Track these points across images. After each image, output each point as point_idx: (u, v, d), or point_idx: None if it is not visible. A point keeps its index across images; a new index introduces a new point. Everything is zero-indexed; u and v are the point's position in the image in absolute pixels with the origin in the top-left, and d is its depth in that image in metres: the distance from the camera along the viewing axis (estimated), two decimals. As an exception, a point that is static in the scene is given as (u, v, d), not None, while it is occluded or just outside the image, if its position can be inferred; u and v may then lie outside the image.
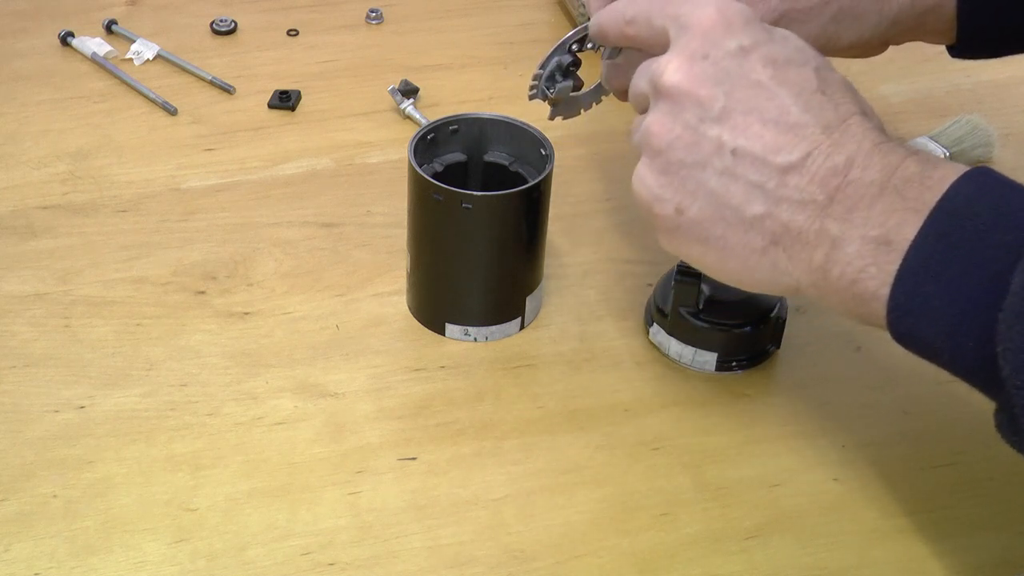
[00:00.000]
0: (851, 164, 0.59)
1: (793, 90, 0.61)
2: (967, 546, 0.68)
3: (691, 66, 0.62)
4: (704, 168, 0.62)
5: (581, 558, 0.66)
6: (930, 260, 0.56)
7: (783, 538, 0.68)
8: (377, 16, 1.08)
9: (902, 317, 0.57)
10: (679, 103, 0.62)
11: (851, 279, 0.59)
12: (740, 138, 0.61)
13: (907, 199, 0.58)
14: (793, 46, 0.63)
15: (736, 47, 0.62)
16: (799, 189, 0.60)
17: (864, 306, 0.59)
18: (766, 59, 0.62)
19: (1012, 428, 0.55)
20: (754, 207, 0.61)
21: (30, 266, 0.82)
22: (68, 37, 1.03)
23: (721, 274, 0.64)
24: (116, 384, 0.75)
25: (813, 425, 0.74)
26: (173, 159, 0.92)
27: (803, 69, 0.62)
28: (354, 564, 0.66)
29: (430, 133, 0.78)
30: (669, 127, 0.63)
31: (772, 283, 0.63)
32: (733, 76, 0.62)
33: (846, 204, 0.59)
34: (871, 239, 0.58)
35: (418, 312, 0.80)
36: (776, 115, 0.61)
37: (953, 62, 0.82)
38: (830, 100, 0.61)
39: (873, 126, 0.61)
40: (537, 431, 0.73)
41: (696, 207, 0.62)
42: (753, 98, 0.61)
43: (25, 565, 0.65)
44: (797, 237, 0.60)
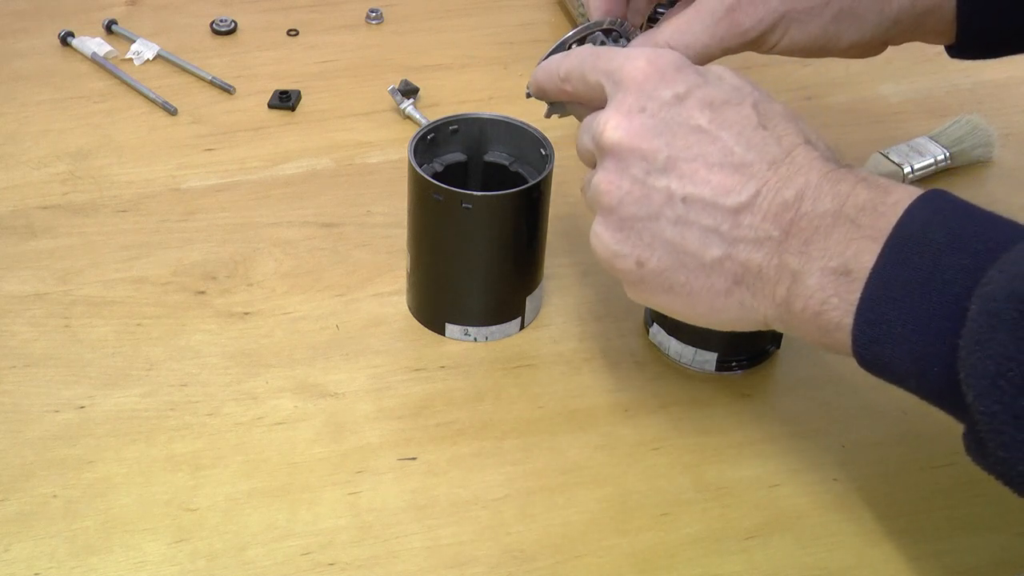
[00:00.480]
0: (802, 197, 0.60)
1: (734, 130, 0.62)
2: (967, 546, 0.68)
3: (630, 121, 0.63)
4: (657, 219, 0.63)
5: (581, 558, 0.66)
6: (890, 287, 0.57)
7: (783, 538, 0.68)
8: (377, 16, 1.08)
9: (867, 345, 0.58)
10: (624, 159, 0.63)
11: (814, 311, 0.59)
12: (688, 185, 0.62)
13: (862, 227, 0.58)
14: (729, 85, 0.64)
15: (671, 96, 0.63)
16: (753, 228, 0.61)
17: (829, 336, 0.59)
18: (703, 103, 0.62)
19: (979, 451, 0.55)
20: (712, 251, 0.62)
21: (30, 266, 0.82)
22: (68, 37, 1.03)
23: (692, 318, 0.65)
24: (116, 384, 0.75)
25: (813, 425, 0.74)
26: (173, 159, 0.92)
27: (741, 107, 0.63)
28: (354, 564, 0.66)
29: (430, 133, 0.78)
30: (617, 184, 0.63)
31: (741, 320, 0.63)
32: (672, 125, 0.62)
33: (802, 237, 0.59)
34: (830, 270, 0.58)
35: (418, 312, 0.80)
36: (720, 158, 0.61)
37: (953, 62, 0.82)
38: (772, 134, 0.62)
39: (819, 155, 0.62)
40: (537, 431, 0.73)
41: (656, 258, 0.63)
42: (695, 144, 0.62)
43: (25, 565, 0.65)
44: (758, 275, 0.61)
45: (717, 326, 0.65)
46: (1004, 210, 0.92)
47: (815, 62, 1.04)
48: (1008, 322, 0.52)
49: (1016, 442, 0.53)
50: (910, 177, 0.91)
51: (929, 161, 0.92)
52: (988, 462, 0.55)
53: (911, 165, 0.91)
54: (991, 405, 0.53)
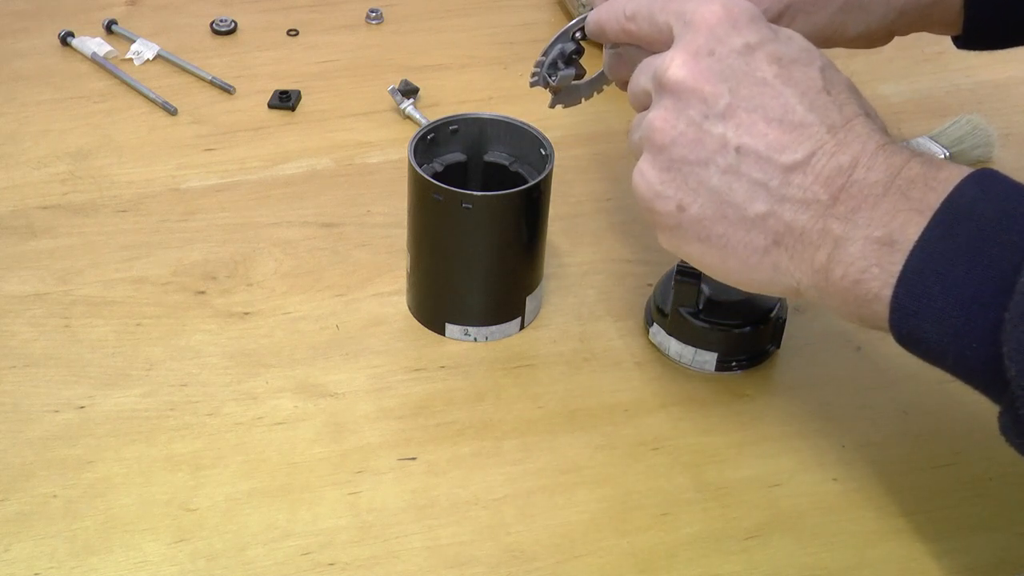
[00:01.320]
0: (855, 164, 0.59)
1: (798, 89, 0.61)
2: (966, 546, 0.68)
3: (696, 62, 0.62)
4: (707, 165, 0.61)
5: (581, 558, 0.66)
6: (934, 260, 0.56)
7: (783, 538, 0.68)
8: (377, 16, 1.08)
9: (905, 318, 0.57)
10: (683, 99, 0.62)
11: (854, 279, 0.58)
12: (744, 136, 0.61)
13: (911, 200, 0.57)
14: (798, 46, 0.63)
15: (742, 44, 0.62)
16: (803, 188, 0.60)
17: (866, 307, 0.59)
18: (771, 57, 0.62)
19: (1017, 430, 0.55)
20: (757, 206, 0.61)
21: (30, 266, 0.82)
22: (68, 37, 1.03)
23: (721, 274, 0.64)
24: (116, 384, 0.75)
25: (813, 425, 0.74)
26: (173, 159, 0.92)
27: (808, 68, 0.62)
28: (354, 564, 0.66)
29: (430, 133, 0.78)
30: (673, 123, 0.62)
31: (773, 284, 0.62)
32: (738, 73, 0.61)
33: (850, 204, 0.59)
34: (874, 239, 0.58)
35: (418, 312, 0.80)
36: (781, 113, 0.60)
37: (953, 62, 0.82)
38: (835, 100, 0.61)
39: (877, 127, 0.61)
40: (537, 431, 0.73)
41: (698, 205, 0.62)
42: (758, 96, 0.61)
43: (25, 565, 0.65)
44: (800, 237, 0.60)
45: (745, 285, 0.64)
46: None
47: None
48: None
49: None
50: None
51: (929, 161, 0.92)
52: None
53: (911, 165, 0.91)
54: None
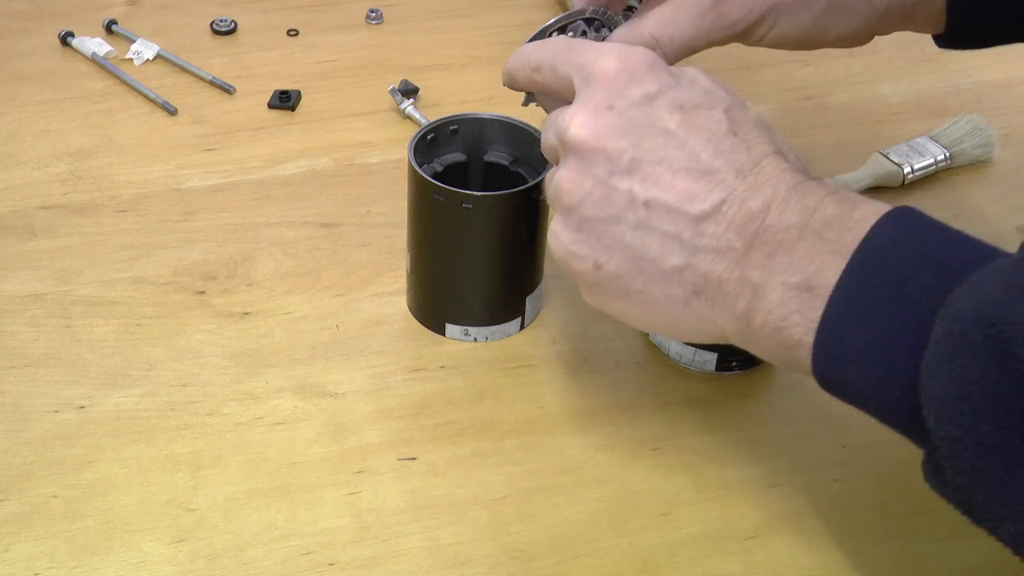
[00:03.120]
0: (768, 208, 0.58)
1: (703, 135, 0.60)
2: (966, 546, 0.68)
3: (596, 119, 0.61)
4: (618, 222, 0.61)
5: (581, 558, 0.66)
6: (853, 305, 0.55)
7: (783, 538, 0.68)
8: (377, 16, 1.08)
9: (828, 365, 0.56)
10: (587, 158, 0.61)
11: (775, 327, 0.57)
12: (652, 189, 0.60)
13: (828, 242, 0.56)
14: (701, 88, 0.62)
15: (641, 95, 0.61)
16: (716, 237, 0.59)
17: (789, 354, 0.58)
18: (673, 105, 0.61)
19: (939, 478, 0.54)
20: (672, 259, 0.60)
21: (30, 266, 0.82)
22: (68, 37, 1.03)
23: (647, 327, 0.63)
24: (116, 384, 0.75)
25: (813, 425, 0.74)
26: (173, 159, 0.92)
27: (712, 112, 0.61)
28: (354, 564, 0.66)
29: (430, 133, 0.78)
30: (579, 183, 0.61)
31: (698, 332, 0.62)
32: (640, 126, 0.60)
33: (765, 250, 0.58)
34: (793, 285, 0.56)
35: (418, 312, 0.80)
36: (687, 163, 0.59)
37: (953, 62, 0.82)
38: (742, 142, 0.60)
39: (789, 166, 0.60)
40: (537, 431, 0.73)
41: (614, 262, 0.61)
42: (662, 147, 0.60)
43: (25, 565, 0.65)
44: (718, 287, 0.59)
45: (674, 336, 0.63)
46: (1003, 210, 0.92)
47: (815, 61, 1.04)
48: (972, 344, 0.50)
49: (976, 469, 0.51)
50: (910, 177, 0.91)
51: (929, 161, 0.92)
52: (947, 490, 0.53)
53: (911, 165, 0.91)
54: (952, 430, 0.51)
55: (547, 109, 0.69)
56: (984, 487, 0.52)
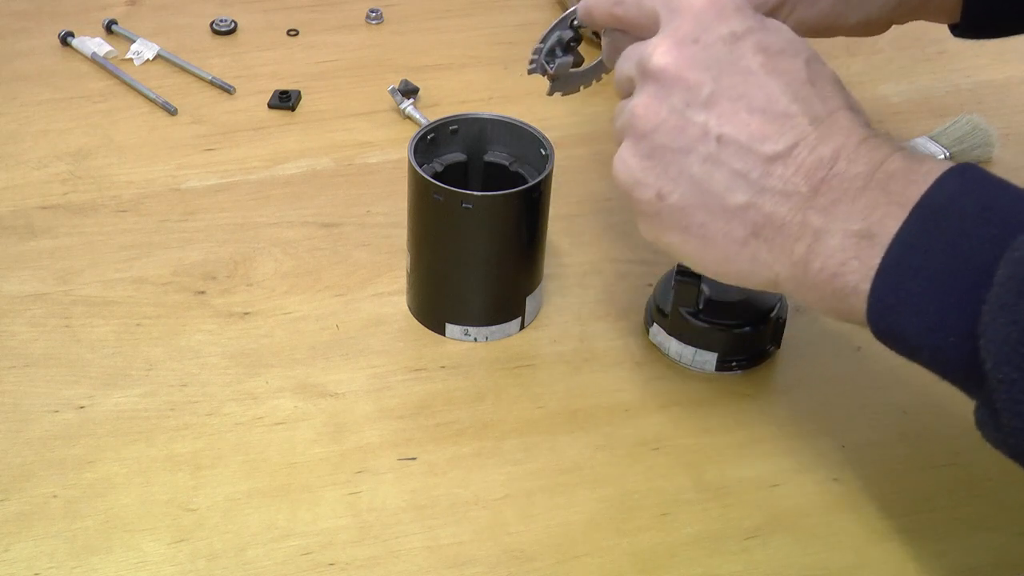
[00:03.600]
0: (837, 157, 0.59)
1: (783, 80, 0.61)
2: (966, 546, 0.68)
3: (680, 49, 0.62)
4: (688, 154, 0.61)
5: (581, 558, 0.66)
6: (912, 254, 0.56)
7: (783, 538, 0.68)
8: (377, 16, 1.08)
9: (883, 312, 0.57)
10: (667, 86, 0.62)
11: (832, 272, 0.58)
12: (726, 125, 0.60)
13: (891, 193, 0.57)
14: (785, 37, 0.63)
15: (727, 33, 0.61)
16: (783, 179, 0.60)
17: (844, 301, 0.58)
18: (757, 47, 0.61)
19: (994, 424, 0.54)
20: (737, 196, 0.60)
21: (30, 266, 0.82)
22: (68, 37, 1.03)
23: (699, 264, 0.64)
24: (116, 384, 0.75)
25: (813, 425, 0.74)
26: (173, 159, 0.92)
27: (794, 60, 0.61)
28: (354, 564, 0.66)
29: (430, 133, 0.78)
30: (655, 110, 0.62)
31: (751, 275, 0.62)
32: (723, 62, 0.61)
33: (830, 196, 0.58)
34: (853, 232, 0.57)
35: (418, 312, 0.80)
36: (764, 104, 0.60)
37: (953, 62, 0.82)
38: (819, 93, 0.61)
39: (861, 121, 0.61)
40: (537, 431, 0.73)
41: (678, 193, 0.62)
42: (742, 85, 0.61)
43: (25, 565, 0.65)
44: (779, 228, 0.60)
45: (724, 276, 0.63)
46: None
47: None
48: None
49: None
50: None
51: (929, 161, 0.92)
52: (1001, 435, 0.54)
53: (911, 165, 0.91)
54: (1011, 372, 0.52)
55: (619, 46, 0.69)
56: None
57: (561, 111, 0.78)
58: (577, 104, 0.79)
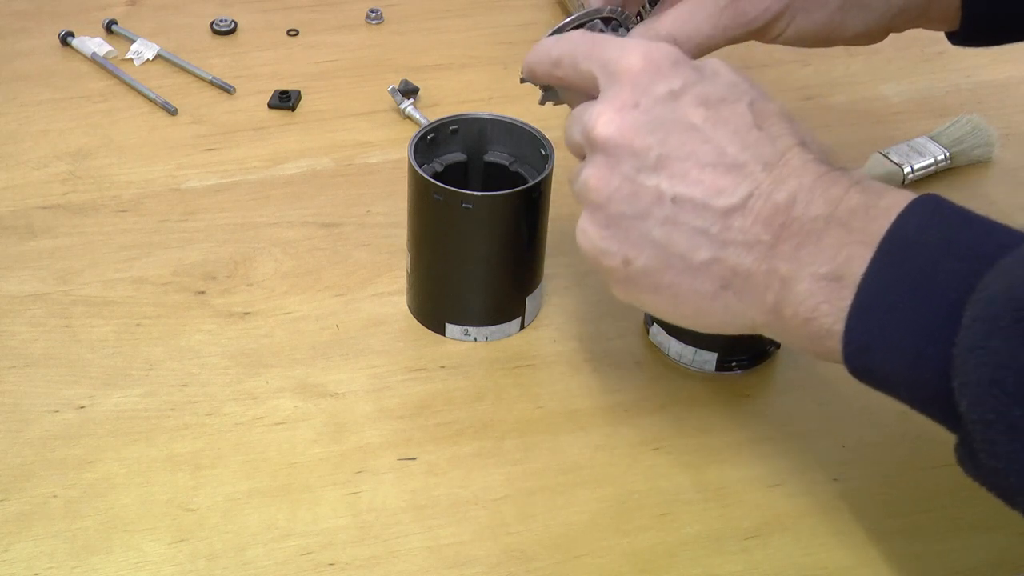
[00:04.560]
0: (794, 200, 0.58)
1: (728, 129, 0.60)
2: (967, 546, 0.68)
3: (622, 117, 0.61)
4: (646, 219, 0.61)
5: (581, 558, 0.66)
6: (883, 293, 0.55)
7: (783, 538, 0.68)
8: (377, 16, 1.08)
9: (858, 353, 0.56)
10: (614, 155, 0.62)
11: (804, 318, 0.58)
12: (679, 185, 0.60)
13: (854, 231, 0.57)
14: (725, 82, 0.62)
15: (666, 92, 0.61)
16: (743, 231, 0.59)
17: (820, 344, 0.58)
18: (698, 100, 0.61)
19: (972, 462, 0.54)
20: (700, 253, 0.60)
21: (30, 266, 0.82)
22: (68, 37, 1.03)
23: (677, 320, 0.64)
24: (116, 384, 0.75)
25: (813, 425, 0.74)
26: (173, 159, 0.92)
27: (736, 105, 0.61)
28: (354, 564, 0.66)
29: (430, 133, 0.78)
30: (607, 180, 0.62)
31: (728, 325, 0.62)
32: (666, 122, 0.61)
33: (792, 242, 0.58)
34: (821, 276, 0.57)
35: (418, 312, 0.80)
36: (713, 158, 0.60)
37: (953, 62, 0.82)
38: (767, 135, 0.60)
39: (813, 157, 0.60)
40: (537, 431, 0.73)
41: (643, 258, 0.62)
42: (688, 143, 0.60)
43: (25, 565, 0.65)
44: (747, 280, 0.60)
45: (704, 329, 0.64)
46: (1004, 210, 0.92)
47: (815, 61, 1.04)
48: (1004, 328, 0.51)
49: (1009, 452, 0.51)
50: (910, 177, 0.91)
51: (929, 161, 0.92)
52: (980, 473, 0.54)
53: (911, 165, 0.91)
54: (985, 414, 0.52)
55: (569, 103, 0.69)
56: (1018, 470, 0.52)
57: (561, 111, 0.78)
58: (577, 104, 0.80)
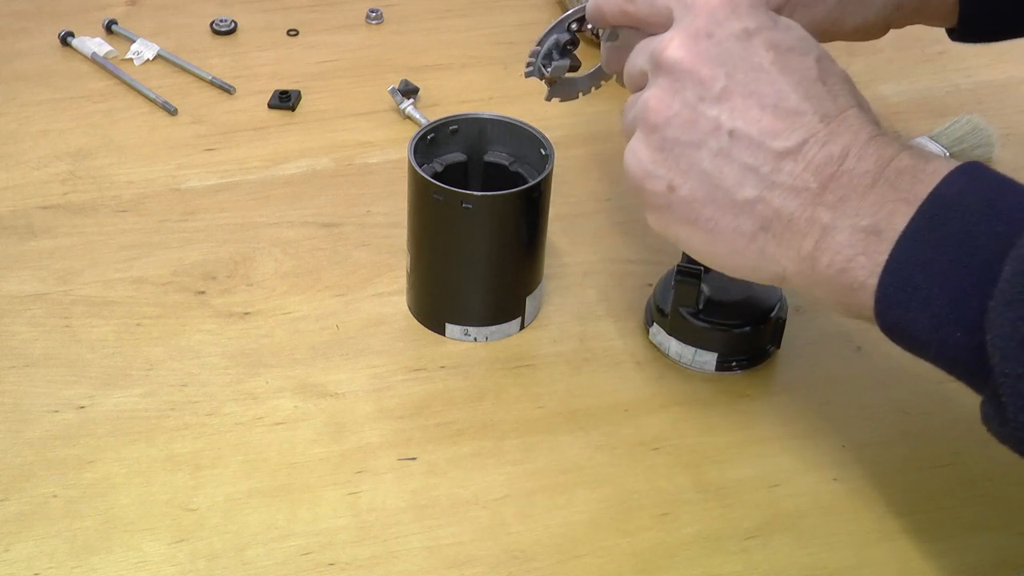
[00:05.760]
0: (846, 154, 0.59)
1: (794, 77, 0.61)
2: (966, 546, 0.68)
3: (695, 44, 0.62)
4: (699, 147, 0.62)
5: (581, 558, 0.66)
6: (920, 250, 0.56)
7: (783, 538, 0.68)
8: (377, 16, 1.08)
9: (890, 307, 0.57)
10: (680, 80, 0.62)
11: (839, 268, 0.59)
12: (738, 120, 0.61)
13: (899, 190, 0.58)
14: (796, 35, 0.63)
15: (740, 29, 0.62)
16: (793, 175, 0.60)
17: (851, 296, 0.59)
18: (769, 44, 0.62)
19: (1000, 419, 0.55)
20: (746, 190, 0.61)
21: (30, 266, 0.82)
22: (68, 37, 1.03)
23: (708, 257, 0.64)
24: (116, 384, 0.75)
25: (813, 425, 0.74)
26: (173, 159, 0.92)
27: (805, 57, 0.62)
28: (354, 564, 0.66)
29: (430, 133, 0.78)
30: (668, 103, 0.62)
31: (759, 269, 0.63)
32: (735, 58, 0.61)
33: (838, 193, 0.59)
34: (861, 228, 0.58)
35: (418, 312, 0.80)
36: (775, 100, 0.61)
37: (953, 62, 0.82)
38: (829, 90, 0.61)
39: (870, 119, 0.61)
40: (537, 431, 0.73)
41: (688, 186, 0.62)
42: (754, 81, 0.61)
43: (25, 565, 0.65)
44: (787, 224, 0.60)
45: (731, 270, 0.64)
46: (1004, 210, 0.91)
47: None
48: None
49: None
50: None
51: (929, 161, 0.92)
52: (1006, 430, 0.55)
53: (911, 165, 0.91)
54: (1017, 367, 0.53)
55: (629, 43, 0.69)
56: None
57: (561, 111, 0.78)
58: (577, 104, 0.80)
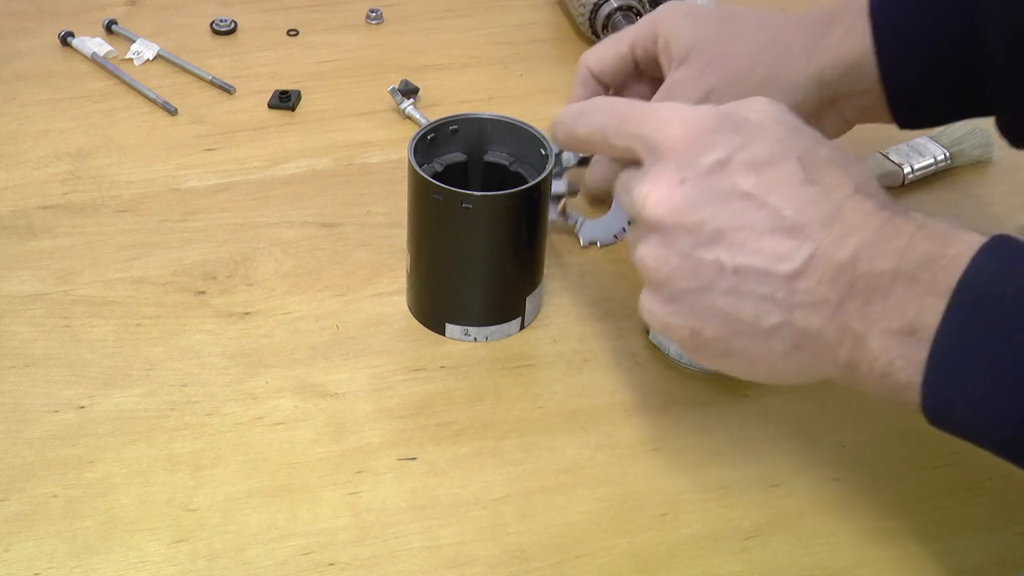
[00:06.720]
0: (857, 257, 0.58)
1: (781, 191, 0.59)
2: (967, 546, 0.68)
3: (670, 196, 0.60)
4: (709, 291, 0.61)
5: (581, 558, 0.66)
6: (959, 346, 0.55)
7: (783, 538, 0.68)
8: (377, 16, 1.08)
9: (939, 405, 0.56)
10: (668, 234, 0.61)
11: (880, 372, 0.57)
12: (739, 255, 0.60)
13: (923, 283, 0.56)
14: (771, 138, 0.61)
15: (712, 162, 0.60)
16: (809, 292, 0.59)
17: (899, 395, 0.58)
18: (746, 166, 0.60)
19: None
20: (769, 319, 0.60)
21: (30, 266, 0.82)
22: (68, 37, 1.03)
23: (753, 378, 0.64)
24: (116, 384, 0.75)
25: (813, 425, 0.74)
26: (173, 159, 0.92)
27: (786, 164, 0.60)
28: (354, 564, 0.66)
29: (430, 133, 0.78)
30: (664, 259, 0.61)
31: (805, 379, 0.62)
32: (716, 194, 0.60)
33: (860, 299, 0.57)
34: (894, 331, 0.56)
35: (418, 312, 0.80)
36: (770, 223, 0.59)
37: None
38: (822, 189, 0.60)
39: (873, 204, 0.59)
40: (537, 431, 0.73)
41: (711, 327, 0.61)
42: (742, 212, 0.59)
43: (25, 565, 0.65)
44: (817, 339, 0.59)
45: (783, 383, 0.64)
46: (1004, 210, 0.92)
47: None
48: None
49: None
50: (910, 177, 0.91)
51: (929, 161, 0.92)
52: None
53: (911, 165, 0.91)
54: None
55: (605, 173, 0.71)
56: None
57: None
58: (577, 104, 0.80)
